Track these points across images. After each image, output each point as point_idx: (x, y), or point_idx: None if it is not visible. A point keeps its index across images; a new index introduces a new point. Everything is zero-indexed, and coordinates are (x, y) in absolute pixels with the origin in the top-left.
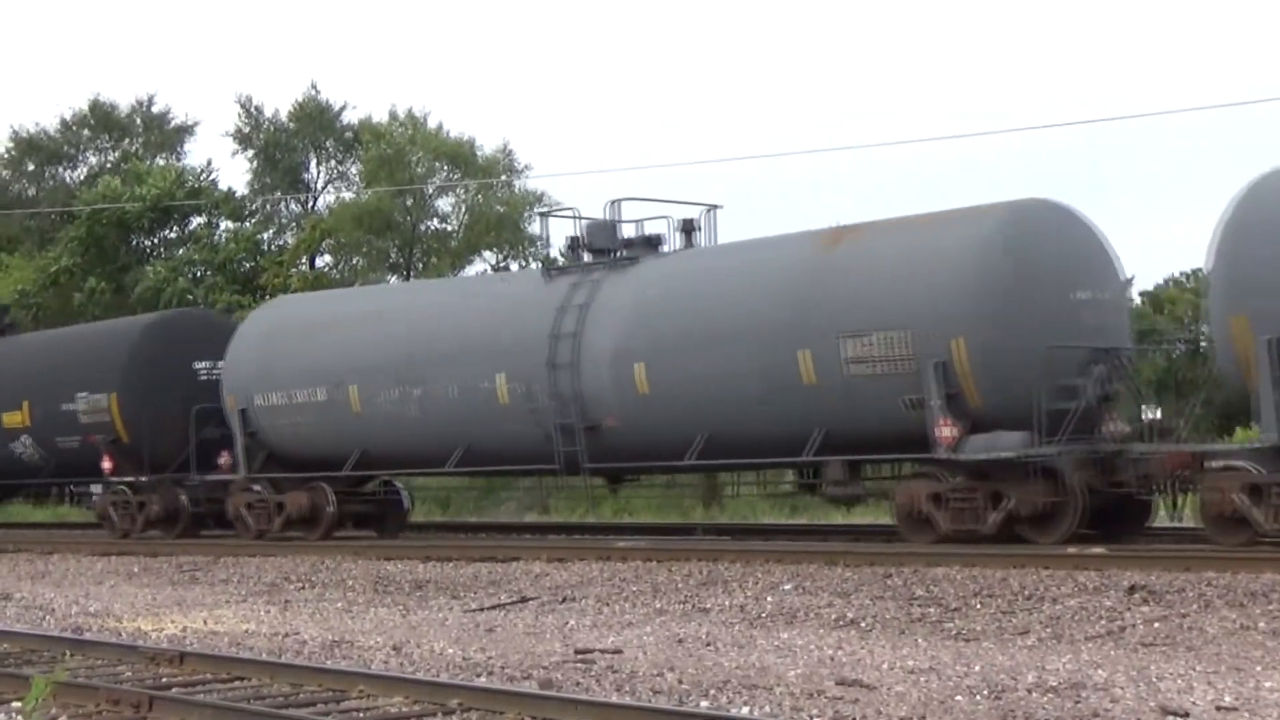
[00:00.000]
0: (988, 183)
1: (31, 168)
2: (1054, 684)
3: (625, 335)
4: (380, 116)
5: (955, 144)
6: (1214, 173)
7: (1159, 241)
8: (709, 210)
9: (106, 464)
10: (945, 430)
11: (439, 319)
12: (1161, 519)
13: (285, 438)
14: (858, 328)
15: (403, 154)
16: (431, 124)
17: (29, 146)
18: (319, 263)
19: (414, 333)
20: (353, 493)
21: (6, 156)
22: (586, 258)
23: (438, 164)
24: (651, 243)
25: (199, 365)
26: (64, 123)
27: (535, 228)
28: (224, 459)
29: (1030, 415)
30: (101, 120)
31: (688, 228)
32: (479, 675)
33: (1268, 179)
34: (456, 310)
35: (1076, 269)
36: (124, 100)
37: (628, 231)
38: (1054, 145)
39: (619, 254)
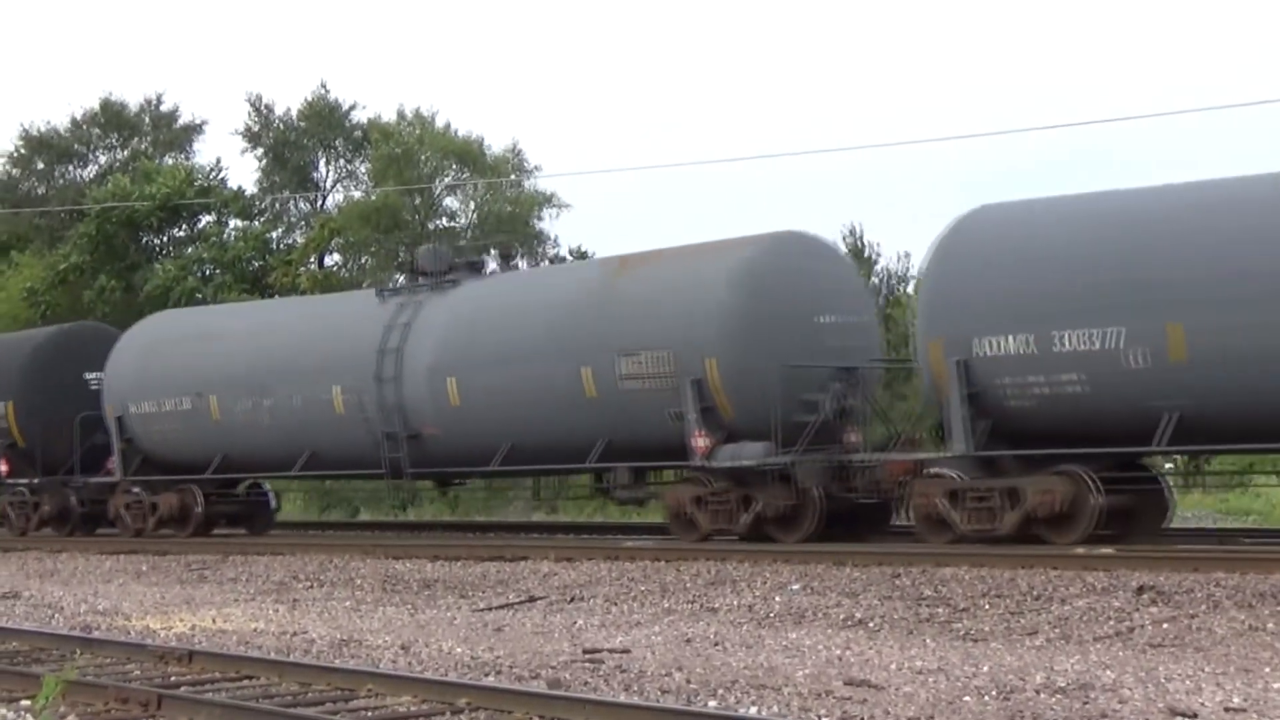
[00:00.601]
0: (989, 183)
1: (41, 166)
2: (1062, 685)
3: (440, 351)
4: (389, 115)
5: (958, 144)
6: (1214, 174)
7: None
8: None
9: (3, 467)
10: (699, 440)
11: (286, 335)
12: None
13: (156, 443)
14: (631, 347)
15: (411, 153)
16: (440, 123)
17: (39, 145)
18: (328, 261)
19: (264, 348)
20: (222, 494)
21: (17, 155)
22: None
23: (446, 163)
24: (474, 267)
25: (90, 376)
26: (74, 121)
27: (544, 226)
28: (112, 462)
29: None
30: (111, 119)
31: (505, 253)
32: (487, 674)
33: (971, 216)
34: (300, 327)
35: (821, 295)
36: (134, 99)
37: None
38: (1064, 146)
39: (443, 276)
